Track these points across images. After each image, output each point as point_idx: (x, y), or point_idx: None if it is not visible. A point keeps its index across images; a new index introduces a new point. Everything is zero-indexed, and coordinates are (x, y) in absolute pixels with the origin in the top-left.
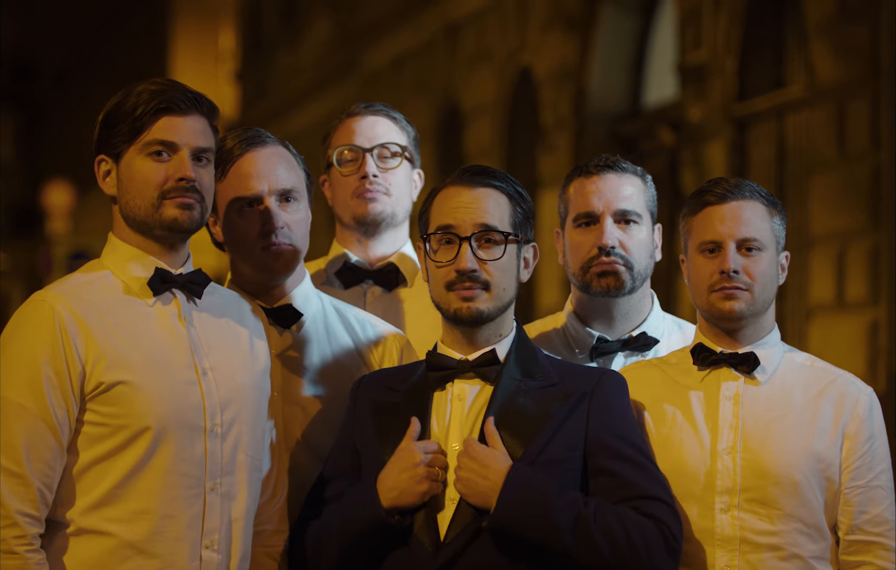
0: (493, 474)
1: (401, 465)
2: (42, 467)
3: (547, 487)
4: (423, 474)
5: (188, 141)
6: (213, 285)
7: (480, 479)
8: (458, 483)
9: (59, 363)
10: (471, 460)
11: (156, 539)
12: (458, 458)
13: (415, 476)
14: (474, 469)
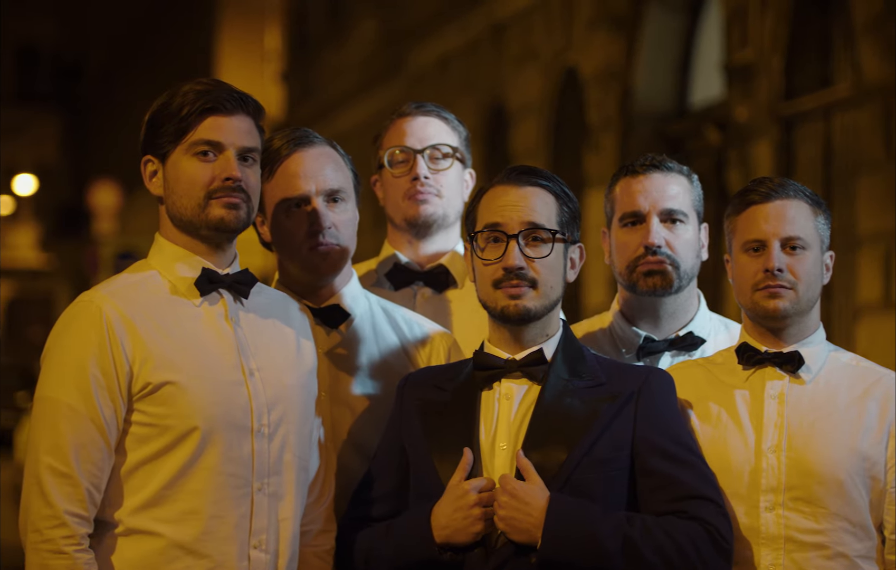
0: (533, 510)
1: (455, 504)
2: (90, 468)
3: (590, 514)
4: (477, 515)
5: (234, 141)
6: (260, 285)
7: (522, 516)
8: (501, 523)
9: (106, 364)
10: (510, 497)
11: (204, 539)
12: (497, 495)
13: (469, 517)
14: (515, 506)
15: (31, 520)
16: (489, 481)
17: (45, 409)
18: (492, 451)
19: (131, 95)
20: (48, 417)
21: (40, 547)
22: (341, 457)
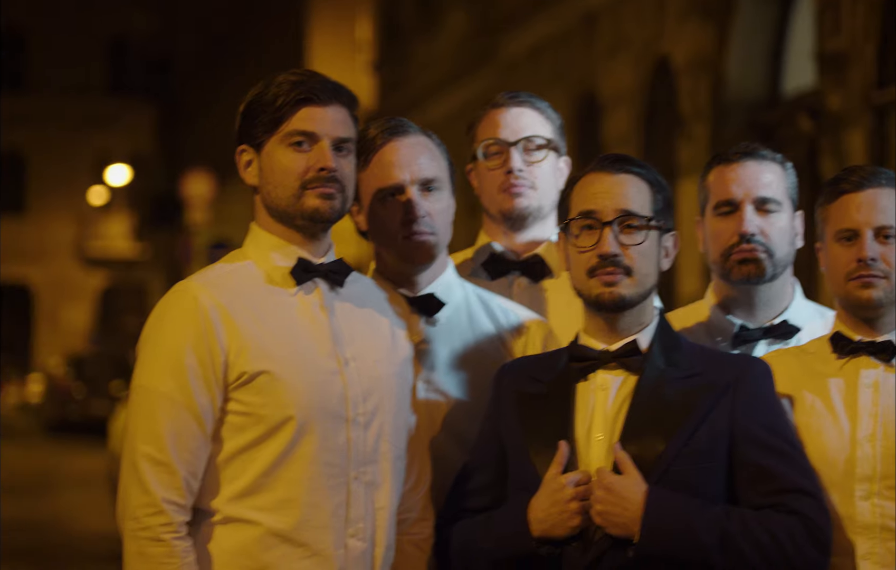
0: (630, 504)
1: (551, 498)
2: (187, 456)
3: (687, 507)
4: (574, 509)
5: (329, 131)
6: (355, 274)
7: (620, 510)
8: (598, 517)
9: (202, 352)
10: (606, 492)
11: (301, 528)
12: (593, 489)
13: (565, 511)
14: (612, 501)
15: (128, 508)
16: (585, 474)
17: (141, 398)
18: (588, 443)
19: (223, 84)
20: (145, 405)
21: (138, 535)
22: (437, 446)
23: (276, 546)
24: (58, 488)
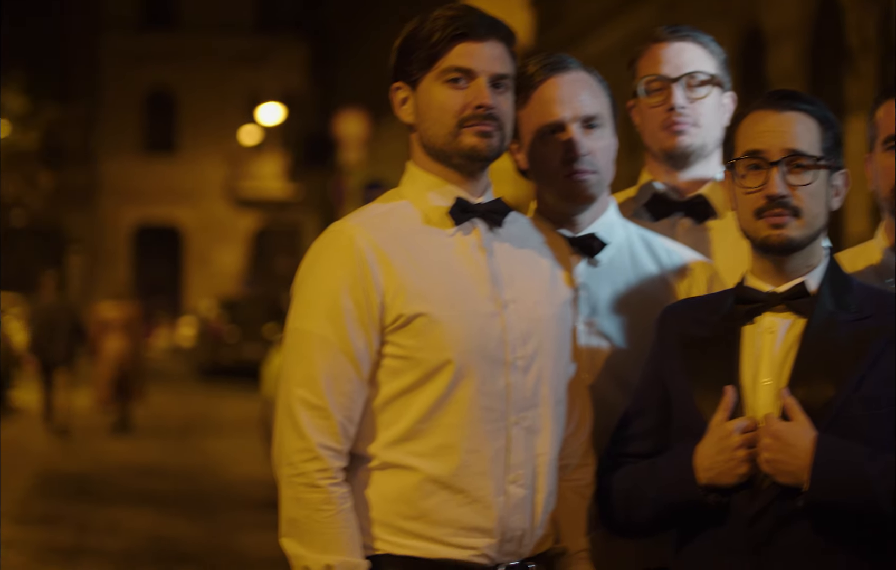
0: (799, 452)
1: (718, 445)
2: (343, 400)
3: (858, 456)
4: (741, 457)
5: (486, 67)
6: (514, 213)
7: (788, 458)
8: (766, 465)
9: (358, 294)
10: (774, 439)
11: (460, 474)
12: (761, 436)
13: (732, 459)
14: (780, 448)
15: (284, 453)
16: (752, 420)
17: (296, 341)
18: (754, 388)
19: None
20: (300, 349)
21: (294, 481)
22: (599, 390)
23: (435, 493)
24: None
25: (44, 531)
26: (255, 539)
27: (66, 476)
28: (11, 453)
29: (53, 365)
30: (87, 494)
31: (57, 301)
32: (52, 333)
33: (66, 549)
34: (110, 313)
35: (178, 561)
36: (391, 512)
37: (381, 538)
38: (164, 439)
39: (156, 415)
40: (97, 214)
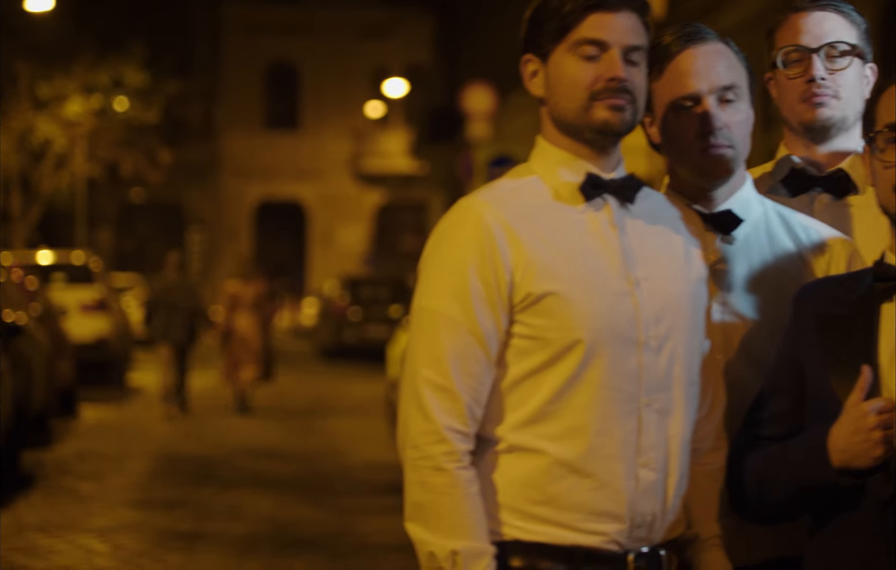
0: None
1: (853, 426)
2: (471, 381)
3: None
4: (877, 438)
5: (619, 39)
6: (647, 189)
7: None
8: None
9: (486, 273)
10: None
11: (590, 457)
12: None
13: (868, 441)
14: None
15: (409, 436)
16: (889, 401)
17: (423, 320)
18: (892, 368)
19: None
20: (426, 328)
21: (420, 464)
22: (732, 371)
23: (564, 477)
24: (333, 416)
25: (163, 515)
26: (379, 524)
27: (186, 459)
28: (130, 437)
29: (175, 345)
30: (208, 477)
31: (179, 280)
32: (173, 312)
33: (186, 534)
34: (238, 290)
35: (299, 546)
36: (518, 497)
37: (508, 524)
38: (286, 421)
39: (278, 397)
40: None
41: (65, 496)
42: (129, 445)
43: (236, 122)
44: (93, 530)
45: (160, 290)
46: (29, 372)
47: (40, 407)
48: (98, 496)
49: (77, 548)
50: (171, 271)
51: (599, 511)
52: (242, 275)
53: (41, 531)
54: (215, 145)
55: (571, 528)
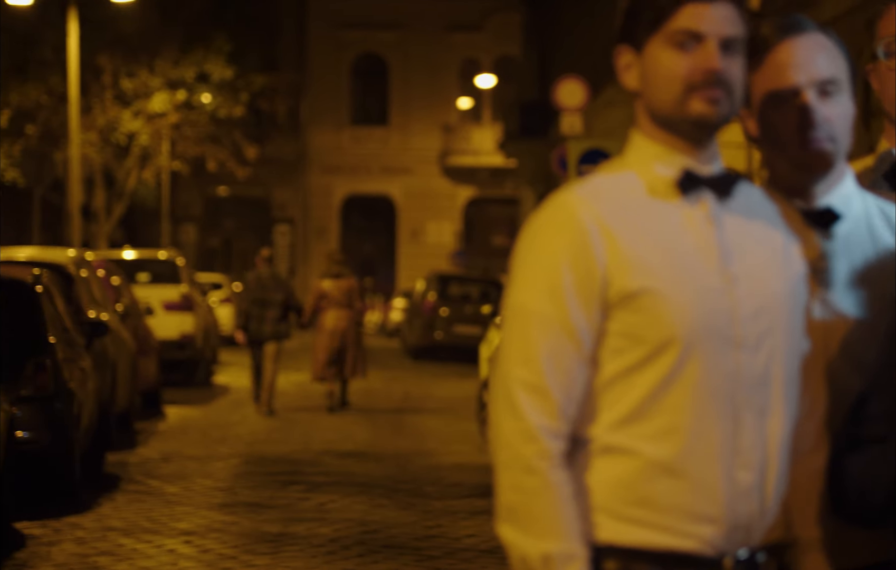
0: None
1: None
2: (564, 380)
3: None
4: None
5: (715, 29)
6: (745, 184)
7: None
8: None
9: (580, 269)
10: None
11: (686, 458)
12: None
13: None
14: None
15: (501, 436)
16: None
17: (515, 318)
18: None
19: None
20: (519, 326)
21: (512, 465)
22: (833, 370)
23: (659, 478)
24: (423, 416)
25: (249, 517)
26: (470, 527)
27: (272, 460)
28: (216, 437)
29: (264, 342)
30: (294, 479)
31: (269, 276)
32: (263, 308)
33: (273, 536)
34: (329, 287)
35: (387, 550)
36: (612, 498)
37: (602, 526)
38: (375, 421)
39: (366, 396)
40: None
41: (149, 498)
42: (214, 446)
43: (323, 116)
44: (178, 532)
45: (250, 286)
46: (113, 372)
47: (124, 408)
48: (183, 498)
49: (162, 551)
50: (262, 266)
51: (696, 513)
52: (333, 272)
53: (126, 534)
54: (302, 140)
55: (666, 530)
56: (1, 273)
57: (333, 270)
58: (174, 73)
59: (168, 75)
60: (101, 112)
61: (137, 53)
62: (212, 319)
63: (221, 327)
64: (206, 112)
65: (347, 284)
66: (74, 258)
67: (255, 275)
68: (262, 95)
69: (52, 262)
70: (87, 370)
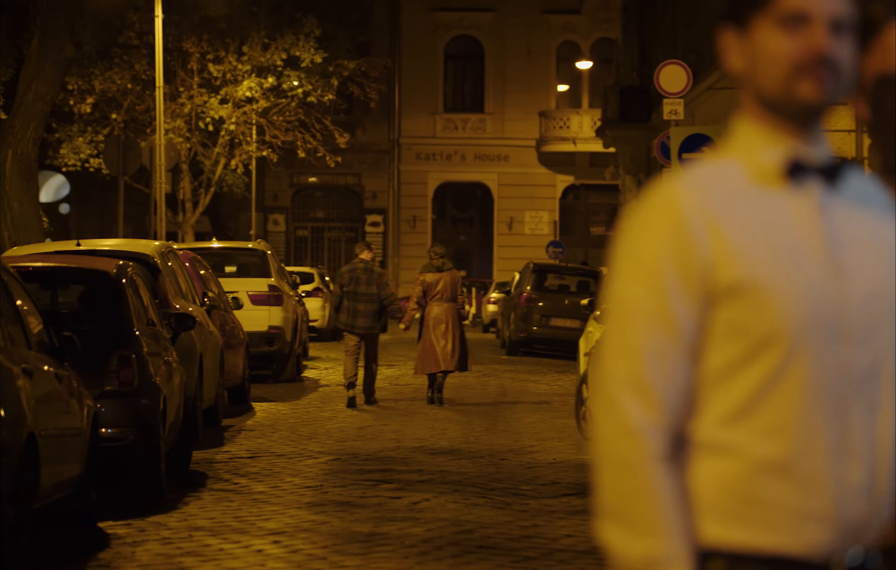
0: None
1: None
2: (666, 375)
3: None
4: None
5: (824, 10)
6: (854, 172)
7: None
8: None
9: (683, 261)
10: None
11: (793, 456)
12: None
13: None
14: None
15: (601, 432)
16: None
17: (615, 311)
18: None
19: None
20: (619, 320)
21: (612, 462)
22: None
23: (766, 477)
24: (519, 411)
25: (339, 517)
26: (568, 527)
27: (363, 457)
28: (305, 434)
29: (361, 334)
30: (386, 477)
31: (363, 269)
32: (355, 301)
33: (364, 537)
34: (433, 281)
35: (482, 551)
36: (718, 498)
37: (707, 527)
38: (469, 417)
39: (461, 392)
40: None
41: (237, 497)
42: (303, 443)
43: (416, 102)
44: (266, 532)
45: (346, 278)
46: (200, 366)
47: (211, 403)
48: (271, 496)
49: (249, 552)
50: (358, 258)
51: (804, 514)
52: (436, 265)
53: (212, 534)
54: (394, 127)
55: (773, 531)
56: (85, 265)
57: (436, 263)
58: (263, 58)
59: (256, 60)
60: (187, 98)
61: (225, 38)
62: (301, 311)
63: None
64: (296, 98)
65: (451, 277)
66: (160, 249)
67: (350, 267)
68: (354, 81)
69: (137, 253)
70: (172, 365)
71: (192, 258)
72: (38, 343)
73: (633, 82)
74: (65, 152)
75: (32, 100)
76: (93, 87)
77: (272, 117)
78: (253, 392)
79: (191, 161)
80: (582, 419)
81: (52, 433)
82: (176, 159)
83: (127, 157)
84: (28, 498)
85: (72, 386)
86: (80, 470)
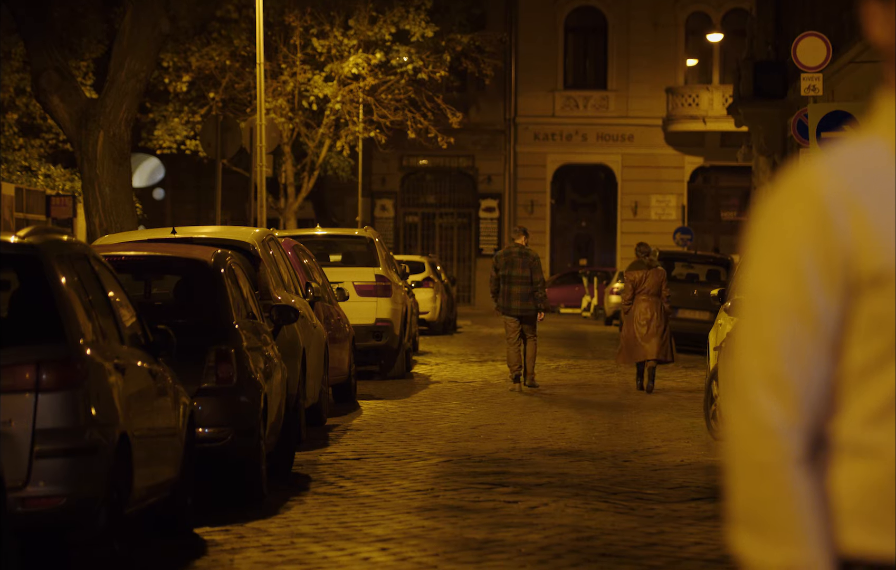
0: None
1: None
2: (804, 371)
3: None
4: None
5: None
6: None
7: None
8: None
9: (822, 250)
10: None
11: None
12: None
13: None
14: None
15: (734, 432)
16: None
17: (750, 303)
18: None
19: None
20: (754, 312)
21: (746, 464)
22: None
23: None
24: (643, 410)
25: (452, 523)
26: (696, 534)
27: (476, 459)
28: (414, 434)
29: (519, 316)
30: (501, 480)
31: (518, 252)
32: (509, 285)
33: (478, 544)
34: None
35: (604, 558)
36: (861, 503)
37: (848, 534)
38: (590, 416)
39: (581, 389)
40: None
41: (342, 501)
42: (413, 443)
43: (534, 79)
44: (373, 539)
45: (501, 262)
46: (303, 362)
47: (315, 401)
48: (379, 501)
49: (355, 560)
50: (514, 242)
51: None
52: (644, 263)
53: (316, 541)
54: (511, 106)
55: None
56: (181, 253)
57: (644, 261)
58: (370, 32)
59: (363, 35)
60: (289, 76)
61: (330, 11)
62: (411, 303)
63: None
64: (406, 75)
65: (656, 274)
66: (260, 237)
67: (506, 250)
68: (467, 56)
69: (236, 241)
70: (274, 360)
71: (295, 246)
72: (131, 337)
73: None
74: (159, 134)
75: (125, 78)
76: (189, 65)
77: (380, 95)
78: (359, 390)
79: (293, 143)
80: (712, 418)
81: (146, 434)
82: (277, 141)
83: (225, 138)
84: (120, 503)
85: (167, 383)
86: (175, 473)
